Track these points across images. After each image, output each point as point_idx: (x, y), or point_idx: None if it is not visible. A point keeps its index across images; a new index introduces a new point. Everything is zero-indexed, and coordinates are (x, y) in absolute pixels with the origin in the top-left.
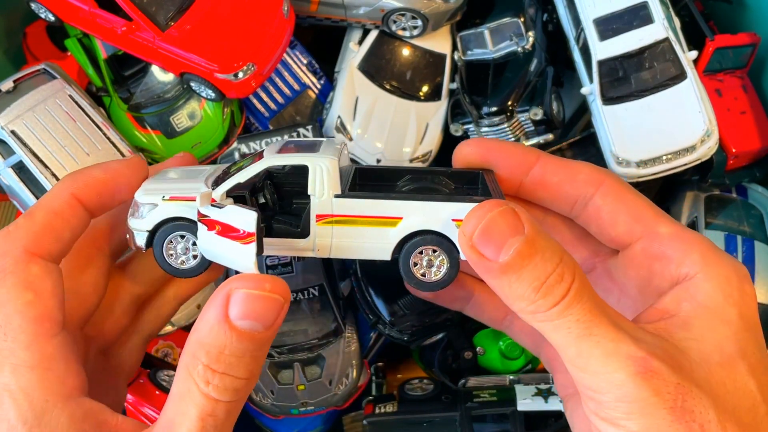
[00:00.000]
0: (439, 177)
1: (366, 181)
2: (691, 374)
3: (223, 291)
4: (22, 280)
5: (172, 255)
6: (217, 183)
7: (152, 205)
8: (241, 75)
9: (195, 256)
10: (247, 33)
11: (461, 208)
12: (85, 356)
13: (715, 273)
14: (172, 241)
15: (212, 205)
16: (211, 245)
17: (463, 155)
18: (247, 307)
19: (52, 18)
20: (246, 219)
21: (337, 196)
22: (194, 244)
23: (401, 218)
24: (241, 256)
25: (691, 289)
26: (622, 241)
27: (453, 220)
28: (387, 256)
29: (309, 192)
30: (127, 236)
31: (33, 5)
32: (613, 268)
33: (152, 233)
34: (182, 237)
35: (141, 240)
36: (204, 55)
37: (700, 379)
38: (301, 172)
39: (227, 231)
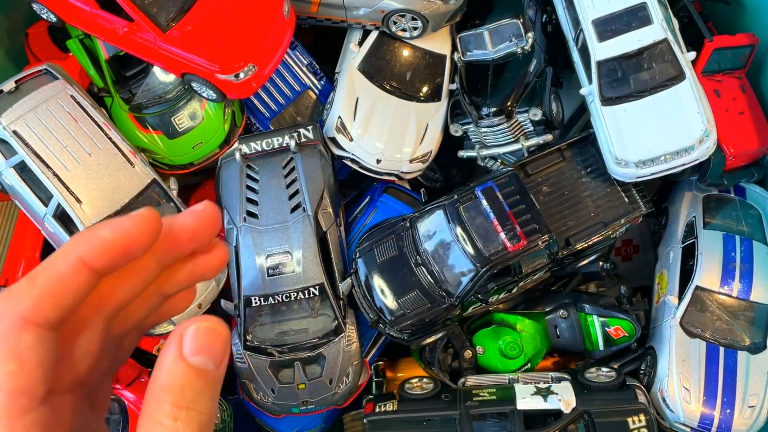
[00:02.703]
0: None
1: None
2: None
3: (176, 333)
4: (9, 349)
5: None
6: None
7: None
8: (242, 75)
9: None
10: (248, 34)
11: None
12: (72, 416)
13: None
14: None
15: None
16: None
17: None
18: (197, 341)
19: (53, 18)
20: None
21: None
22: None
23: None
24: None
25: None
26: None
27: None
28: None
29: None
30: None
31: (35, 6)
32: None
33: None
34: None
35: None
36: (205, 56)
37: None
38: None
39: None
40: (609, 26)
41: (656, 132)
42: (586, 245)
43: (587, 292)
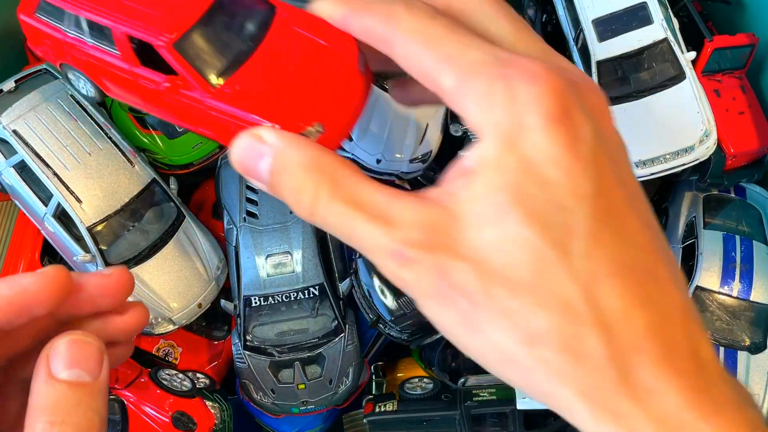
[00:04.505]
0: None
1: None
2: (455, 244)
3: (43, 353)
4: None
5: None
6: None
7: None
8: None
9: None
10: (313, 89)
11: None
12: None
13: (497, 120)
14: None
15: None
16: None
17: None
18: (65, 356)
19: (92, 92)
20: None
21: None
22: None
23: None
24: None
25: (481, 145)
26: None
27: None
28: None
29: None
30: None
31: (71, 75)
32: None
33: None
34: None
35: None
36: (263, 114)
37: (465, 245)
38: None
39: None
40: (609, 26)
41: (656, 132)
42: None
43: None
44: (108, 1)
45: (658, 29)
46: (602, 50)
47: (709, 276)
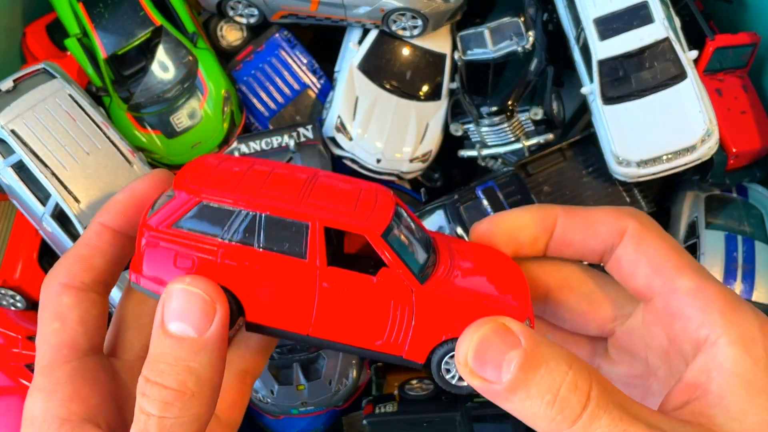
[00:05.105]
0: None
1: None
2: None
3: (161, 299)
4: (53, 311)
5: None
6: None
7: None
8: None
9: None
10: (507, 290)
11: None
12: (126, 377)
13: (738, 334)
14: None
15: None
16: None
17: (480, 237)
18: (173, 305)
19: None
20: None
21: None
22: None
23: None
24: None
25: (717, 356)
26: (642, 294)
27: None
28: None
29: None
30: None
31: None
32: (638, 323)
33: None
34: None
35: None
36: (485, 311)
37: None
38: None
39: None
40: (610, 25)
41: (658, 131)
42: None
43: None
44: (293, 200)
45: (659, 28)
46: (603, 49)
47: None
